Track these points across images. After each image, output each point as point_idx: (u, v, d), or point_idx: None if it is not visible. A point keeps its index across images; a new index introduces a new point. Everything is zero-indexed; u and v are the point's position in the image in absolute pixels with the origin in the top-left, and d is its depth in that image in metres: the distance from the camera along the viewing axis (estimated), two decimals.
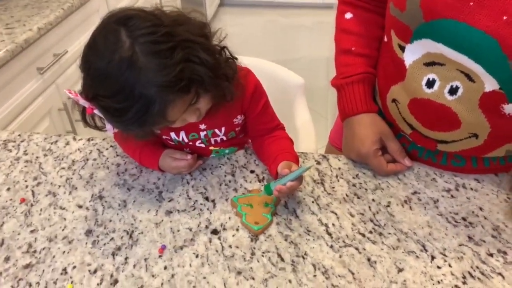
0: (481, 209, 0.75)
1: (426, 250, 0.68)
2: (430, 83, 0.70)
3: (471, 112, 0.69)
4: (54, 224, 0.74)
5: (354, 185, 0.80)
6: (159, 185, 0.81)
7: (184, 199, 0.78)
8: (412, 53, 0.71)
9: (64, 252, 0.69)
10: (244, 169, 0.85)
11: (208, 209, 0.76)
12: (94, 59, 0.63)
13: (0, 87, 1.28)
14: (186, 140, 0.82)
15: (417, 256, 0.67)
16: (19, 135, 0.95)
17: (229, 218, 0.75)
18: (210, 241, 0.70)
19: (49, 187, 0.81)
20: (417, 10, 0.65)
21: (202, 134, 0.81)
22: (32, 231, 0.73)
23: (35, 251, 0.70)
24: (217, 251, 0.69)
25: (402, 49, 0.72)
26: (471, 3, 0.60)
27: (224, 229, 0.73)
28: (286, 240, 0.70)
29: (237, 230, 0.72)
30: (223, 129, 0.82)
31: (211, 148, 0.85)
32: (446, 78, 0.68)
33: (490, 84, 0.64)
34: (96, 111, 0.66)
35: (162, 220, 0.74)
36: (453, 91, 0.68)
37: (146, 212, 0.76)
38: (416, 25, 0.67)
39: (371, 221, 0.73)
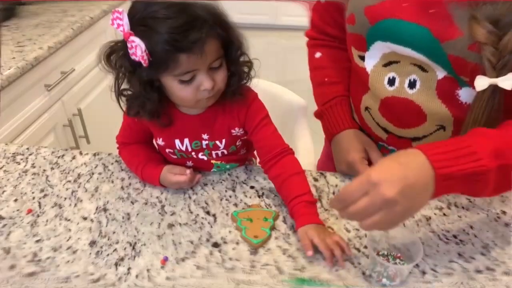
0: (471, 227, 0.78)
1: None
2: (391, 81, 0.79)
3: (432, 103, 0.76)
4: (59, 235, 0.77)
5: None
6: (162, 199, 0.84)
7: (186, 213, 0.81)
8: (371, 59, 0.81)
9: (68, 261, 0.72)
10: (244, 184, 0.88)
11: (209, 223, 0.79)
12: None
13: (8, 102, 1.32)
14: (190, 149, 0.85)
15: (409, 272, 0.70)
16: (27, 148, 0.98)
17: (230, 232, 0.77)
18: (211, 254, 0.73)
19: (55, 199, 0.84)
20: (363, 19, 0.78)
21: (204, 143, 0.84)
22: (37, 241, 0.75)
23: (39, 260, 0.72)
24: (217, 263, 0.71)
25: (363, 58, 0.83)
26: (404, 4, 0.73)
27: (225, 242, 0.75)
28: (284, 254, 0.73)
29: (237, 243, 0.75)
30: (223, 141, 0.85)
31: (213, 161, 0.88)
32: (403, 74, 0.77)
33: (439, 70, 0.73)
34: (133, 38, 0.68)
35: (165, 233, 0.77)
36: (411, 84, 0.77)
37: (149, 225, 0.78)
38: (366, 31, 0.79)
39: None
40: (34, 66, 1.40)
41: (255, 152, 0.98)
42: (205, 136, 0.84)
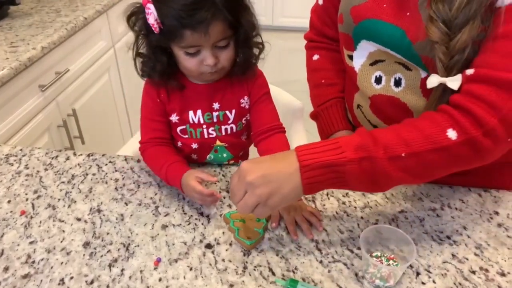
0: (464, 228, 0.78)
1: (412, 267, 0.71)
2: (378, 80, 0.82)
3: (417, 100, 0.77)
4: (53, 236, 0.76)
5: (344, 203, 0.83)
6: (156, 200, 0.84)
7: (180, 214, 0.81)
8: (359, 58, 0.84)
9: (62, 263, 0.72)
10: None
11: (202, 224, 0.79)
12: None
13: (2, 103, 1.32)
14: (202, 121, 0.88)
15: (403, 272, 0.70)
16: (21, 149, 0.97)
17: (223, 233, 0.77)
18: (204, 255, 0.73)
19: (49, 200, 0.84)
20: (349, 18, 0.81)
21: (215, 114, 0.88)
22: (31, 243, 0.75)
23: (33, 262, 0.72)
24: (210, 264, 0.71)
25: (351, 58, 0.85)
26: (384, 5, 0.76)
27: (218, 243, 0.75)
28: (277, 255, 0.73)
29: (230, 244, 0.75)
30: (233, 112, 0.89)
31: (218, 142, 0.90)
32: (389, 72, 0.80)
33: (421, 69, 0.74)
34: (149, 5, 0.73)
35: (158, 234, 0.77)
36: (397, 83, 0.79)
37: (143, 226, 0.78)
38: (351, 30, 0.82)
39: (360, 237, 0.76)
40: (28, 66, 1.39)
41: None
42: (216, 106, 0.87)
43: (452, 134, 0.64)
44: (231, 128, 0.91)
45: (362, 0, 0.79)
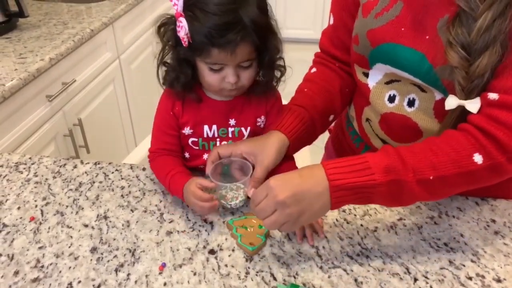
0: (462, 235, 0.80)
1: (410, 273, 0.73)
2: (392, 99, 0.83)
3: (429, 121, 0.79)
4: (61, 242, 0.79)
5: (344, 210, 0.86)
6: (161, 207, 0.86)
7: (184, 220, 0.83)
8: (374, 76, 0.85)
9: (70, 267, 0.74)
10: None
11: (206, 230, 0.81)
12: None
13: (11, 113, 1.35)
14: (216, 135, 0.90)
15: (400, 278, 0.72)
16: (30, 158, 1.00)
17: (226, 239, 0.79)
18: (208, 260, 0.75)
19: (57, 207, 0.86)
20: (365, 41, 0.81)
21: (231, 130, 0.90)
22: (40, 248, 0.77)
23: (42, 266, 0.74)
24: (213, 269, 0.73)
25: (366, 75, 0.87)
26: (403, 29, 0.76)
27: (221, 249, 0.77)
28: (279, 260, 0.75)
29: (233, 250, 0.77)
30: (248, 129, 0.90)
31: None
32: (403, 92, 0.81)
33: (437, 92, 0.75)
34: (182, 19, 0.75)
35: (163, 240, 0.79)
36: (410, 103, 0.80)
37: (148, 232, 0.81)
38: (368, 52, 0.82)
39: (359, 244, 0.78)
40: (36, 77, 1.43)
41: None
42: (232, 122, 0.89)
43: (478, 158, 0.68)
44: None
45: (379, 23, 0.78)
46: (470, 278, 0.72)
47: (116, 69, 1.98)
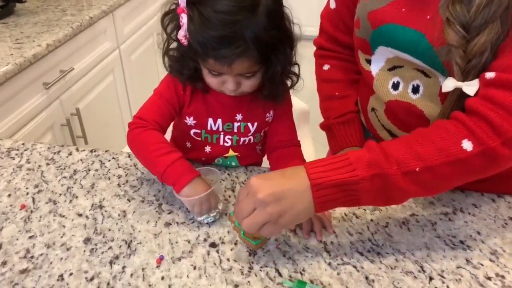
0: (478, 233, 0.75)
1: (424, 271, 0.68)
2: (395, 86, 0.79)
3: (434, 109, 0.74)
4: (53, 231, 0.74)
5: None
6: (159, 198, 0.82)
7: (184, 212, 0.79)
8: (377, 63, 0.81)
9: (61, 258, 0.69)
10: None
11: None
12: None
13: (6, 99, 1.30)
14: (221, 129, 0.85)
15: (415, 277, 0.67)
16: (23, 144, 0.95)
17: (228, 232, 0.75)
18: (208, 254, 0.70)
19: (50, 195, 0.82)
20: (366, 23, 0.78)
21: (236, 125, 0.85)
22: (30, 237, 0.73)
23: (32, 257, 0.69)
24: (215, 263, 0.69)
25: (369, 62, 0.83)
26: (403, 9, 0.72)
27: (223, 242, 0.73)
28: (284, 256, 0.70)
29: (236, 244, 0.72)
30: (255, 124, 0.86)
31: (230, 152, 0.88)
32: (407, 79, 0.77)
33: (441, 76, 0.71)
34: (183, 16, 0.70)
35: (161, 232, 0.74)
36: (415, 90, 0.76)
37: (146, 223, 0.76)
38: (369, 35, 0.79)
39: (369, 240, 0.74)
40: (33, 63, 1.38)
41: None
42: (238, 117, 0.84)
43: (467, 145, 0.62)
44: (249, 140, 0.88)
45: (379, 5, 0.76)
46: (489, 278, 0.67)
47: (116, 59, 1.93)
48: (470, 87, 0.65)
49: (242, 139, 0.87)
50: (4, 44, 1.41)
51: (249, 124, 0.86)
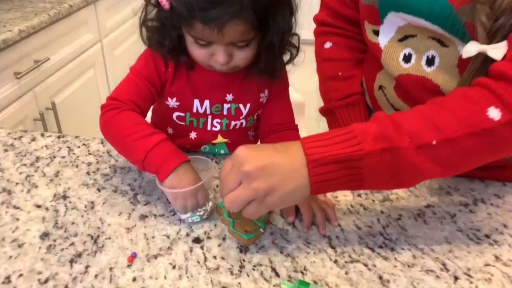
0: (505, 226, 0.65)
1: (448, 270, 0.57)
2: (407, 58, 0.69)
3: (452, 82, 0.65)
4: (3, 225, 0.62)
5: (359, 195, 0.70)
6: (135, 187, 0.70)
7: (163, 203, 0.67)
8: (386, 33, 0.72)
9: (10, 257, 0.57)
10: None
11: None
12: None
13: None
14: (208, 112, 0.74)
15: (437, 276, 0.56)
16: None
17: (215, 225, 0.63)
18: (191, 251, 0.59)
19: (4, 184, 0.69)
20: None
21: (226, 107, 0.74)
22: None
23: None
24: (198, 262, 0.57)
25: (377, 33, 0.73)
26: None
27: (209, 237, 0.61)
28: (282, 252, 0.59)
29: (224, 239, 0.61)
30: (248, 106, 0.75)
31: (219, 138, 0.77)
32: (420, 50, 0.68)
33: (460, 45, 0.61)
34: None
35: (135, 225, 0.63)
36: (429, 61, 0.67)
37: (117, 216, 0.64)
38: (378, 1, 0.69)
39: (381, 234, 0.63)
40: (3, 49, 1.26)
41: None
42: (229, 97, 0.74)
43: (494, 113, 0.51)
44: (241, 123, 0.77)
45: None
46: None
47: (97, 53, 1.81)
48: (497, 50, 0.54)
49: (233, 123, 0.76)
50: None
51: (241, 106, 0.75)
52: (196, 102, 0.74)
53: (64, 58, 1.58)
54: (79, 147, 0.79)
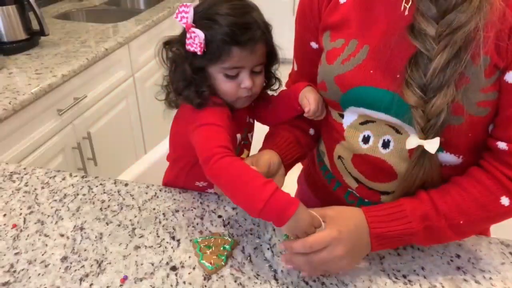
0: (423, 268, 0.80)
1: None
2: (366, 139, 0.82)
3: (403, 164, 0.78)
4: (36, 249, 0.84)
5: None
6: (134, 222, 0.91)
7: (153, 236, 0.87)
8: (349, 117, 0.84)
9: (39, 274, 0.79)
10: (213, 213, 0.93)
11: (172, 247, 0.84)
12: None
13: (21, 125, 1.44)
14: (241, 143, 0.96)
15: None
16: (24, 168, 1.07)
17: (189, 257, 0.83)
18: (168, 276, 0.78)
19: (39, 216, 0.92)
20: (334, 86, 0.81)
21: (250, 135, 0.99)
22: (16, 254, 0.83)
23: (15, 271, 0.79)
24: (171, 285, 0.77)
25: (342, 116, 0.85)
26: (371, 71, 0.76)
27: (183, 266, 0.80)
28: (235, 281, 0.77)
29: (194, 268, 0.80)
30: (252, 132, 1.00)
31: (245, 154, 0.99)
32: (378, 133, 0.80)
33: (413, 133, 0.74)
34: (194, 29, 0.78)
35: (130, 254, 0.83)
36: (385, 145, 0.80)
37: (118, 245, 0.85)
38: (339, 98, 0.82)
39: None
40: (48, 92, 1.52)
41: None
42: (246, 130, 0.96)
43: (505, 201, 0.73)
44: (245, 143, 0.99)
45: (345, 68, 0.78)
46: None
47: (129, 86, 2.06)
48: (431, 145, 0.71)
49: (249, 135, 1.00)
50: (24, 75, 1.56)
51: (249, 135, 0.99)
52: (238, 136, 0.93)
53: (100, 93, 1.84)
54: (97, 186, 1.01)
